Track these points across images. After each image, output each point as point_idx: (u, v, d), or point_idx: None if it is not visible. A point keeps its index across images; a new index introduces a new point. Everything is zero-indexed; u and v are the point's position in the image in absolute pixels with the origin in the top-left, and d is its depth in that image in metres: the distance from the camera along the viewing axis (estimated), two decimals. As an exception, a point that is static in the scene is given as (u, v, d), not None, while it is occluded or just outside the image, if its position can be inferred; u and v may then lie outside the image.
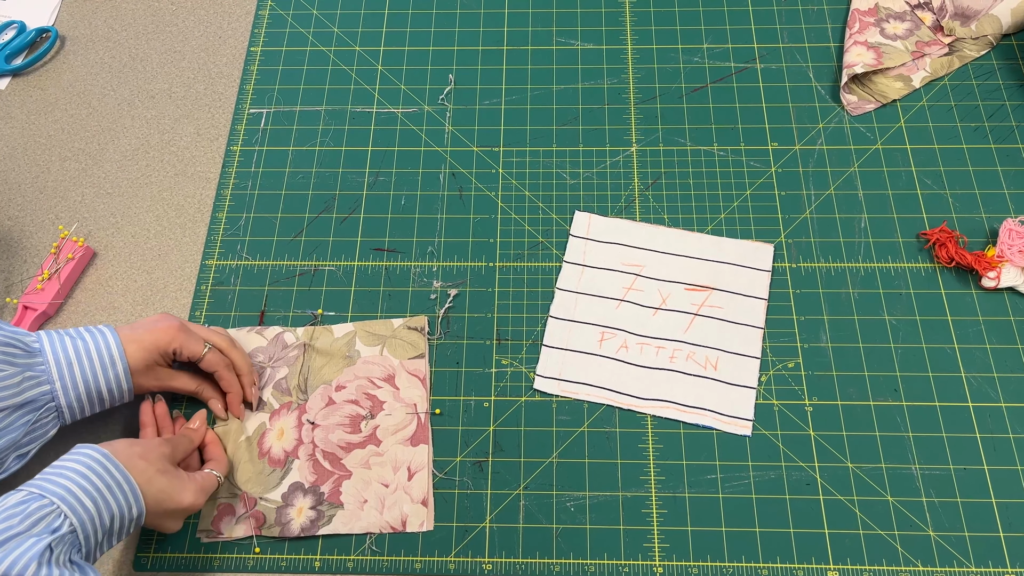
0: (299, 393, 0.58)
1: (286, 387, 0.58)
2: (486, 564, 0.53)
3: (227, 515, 0.54)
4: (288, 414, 0.57)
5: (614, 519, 0.54)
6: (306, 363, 0.59)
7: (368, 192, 0.67)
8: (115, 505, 0.46)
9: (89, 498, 0.45)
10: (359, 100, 0.72)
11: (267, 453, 0.56)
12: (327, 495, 0.54)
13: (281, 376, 0.58)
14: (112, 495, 0.46)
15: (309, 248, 0.65)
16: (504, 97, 0.72)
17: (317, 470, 0.55)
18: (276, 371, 0.58)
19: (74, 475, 0.45)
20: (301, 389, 0.58)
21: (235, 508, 0.54)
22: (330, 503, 0.54)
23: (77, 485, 0.45)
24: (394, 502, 0.54)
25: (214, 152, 0.70)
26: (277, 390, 0.58)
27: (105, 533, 0.45)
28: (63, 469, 0.46)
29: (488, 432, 0.57)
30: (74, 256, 0.63)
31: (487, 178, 0.68)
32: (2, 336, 0.49)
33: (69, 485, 0.44)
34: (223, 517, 0.54)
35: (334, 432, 0.56)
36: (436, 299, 0.62)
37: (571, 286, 0.62)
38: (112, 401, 0.53)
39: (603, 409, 0.58)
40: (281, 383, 0.58)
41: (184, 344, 0.54)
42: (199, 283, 0.64)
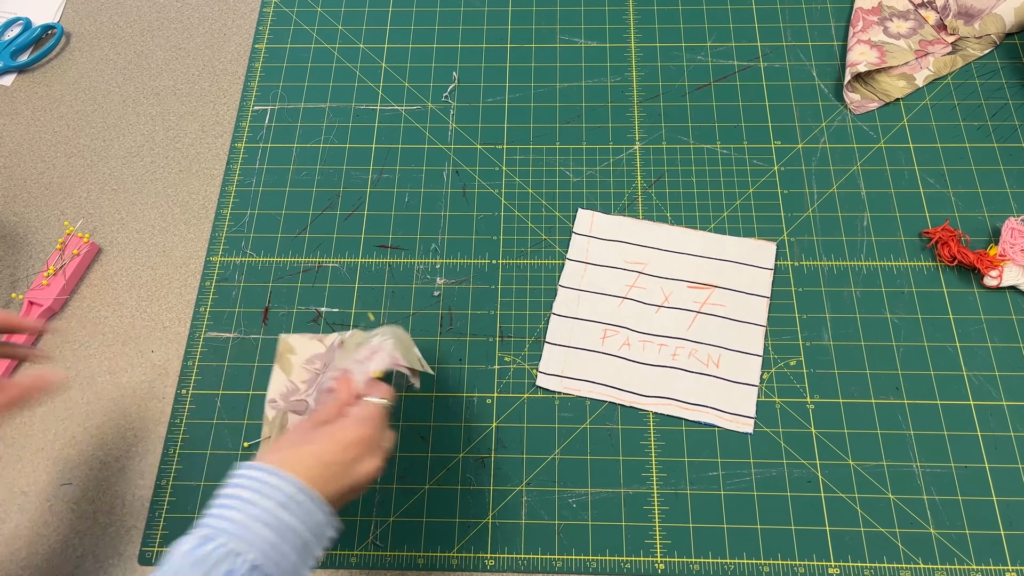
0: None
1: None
2: (488, 559, 0.53)
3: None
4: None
5: (616, 515, 0.55)
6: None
7: (372, 189, 0.68)
8: (295, 520, 0.40)
9: (263, 524, 0.39)
10: (363, 97, 0.72)
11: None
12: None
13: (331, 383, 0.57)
14: (289, 512, 0.40)
15: (313, 245, 0.65)
16: (508, 95, 0.72)
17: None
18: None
19: (241, 504, 0.40)
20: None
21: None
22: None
23: (248, 515, 0.39)
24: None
25: (219, 149, 0.70)
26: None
27: (298, 546, 0.40)
28: (230, 499, 0.40)
29: (491, 428, 0.58)
30: (79, 252, 0.63)
31: (490, 175, 0.68)
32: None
33: (237, 517, 0.39)
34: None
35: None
36: (439, 296, 0.63)
37: (574, 283, 0.63)
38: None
39: (605, 406, 0.58)
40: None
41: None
42: (203, 279, 0.64)
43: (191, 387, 0.60)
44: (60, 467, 0.57)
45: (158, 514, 0.55)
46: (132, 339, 0.62)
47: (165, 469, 0.57)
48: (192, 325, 0.62)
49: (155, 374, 0.60)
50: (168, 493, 0.56)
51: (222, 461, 0.57)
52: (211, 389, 0.59)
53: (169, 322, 0.62)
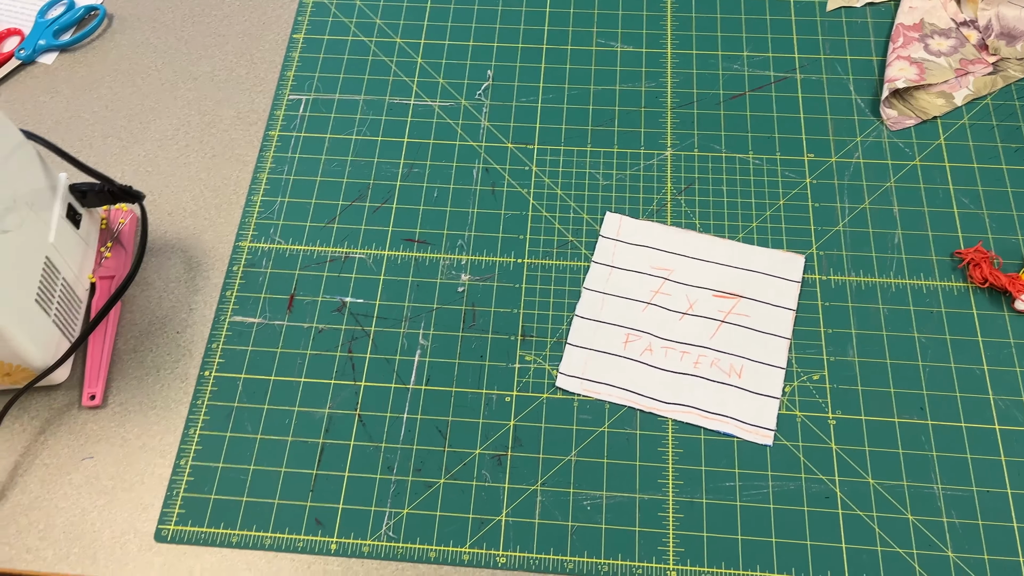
0: None
1: None
2: (500, 557, 0.53)
3: None
4: None
5: (630, 520, 0.54)
6: None
7: (402, 183, 0.68)
8: None
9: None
10: (397, 92, 0.72)
11: None
12: None
13: None
14: None
15: (341, 235, 0.66)
16: (541, 96, 0.72)
17: None
18: None
19: None
20: None
21: None
22: None
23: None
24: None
25: (252, 136, 0.71)
26: None
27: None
28: None
29: (508, 427, 0.58)
30: (126, 220, 0.64)
31: (520, 175, 0.68)
32: None
33: None
34: None
35: None
36: (463, 292, 0.63)
37: (599, 287, 0.62)
38: None
39: (624, 411, 0.58)
40: None
41: None
42: (231, 264, 0.65)
43: (214, 369, 0.60)
44: (82, 441, 0.58)
45: (175, 493, 0.56)
46: (158, 319, 0.63)
47: (184, 449, 0.57)
48: (218, 308, 0.63)
49: (179, 355, 0.61)
50: (187, 473, 0.56)
51: (242, 444, 0.57)
52: (234, 372, 0.60)
53: (196, 304, 0.63)
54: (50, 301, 0.57)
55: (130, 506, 0.56)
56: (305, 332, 0.62)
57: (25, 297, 0.54)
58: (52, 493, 0.56)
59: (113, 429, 0.58)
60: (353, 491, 0.56)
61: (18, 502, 0.56)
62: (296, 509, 0.55)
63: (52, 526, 0.55)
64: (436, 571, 0.53)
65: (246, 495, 0.56)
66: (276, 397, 0.59)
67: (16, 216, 0.54)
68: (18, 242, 0.54)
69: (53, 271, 0.57)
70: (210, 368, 0.60)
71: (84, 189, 0.61)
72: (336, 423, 0.58)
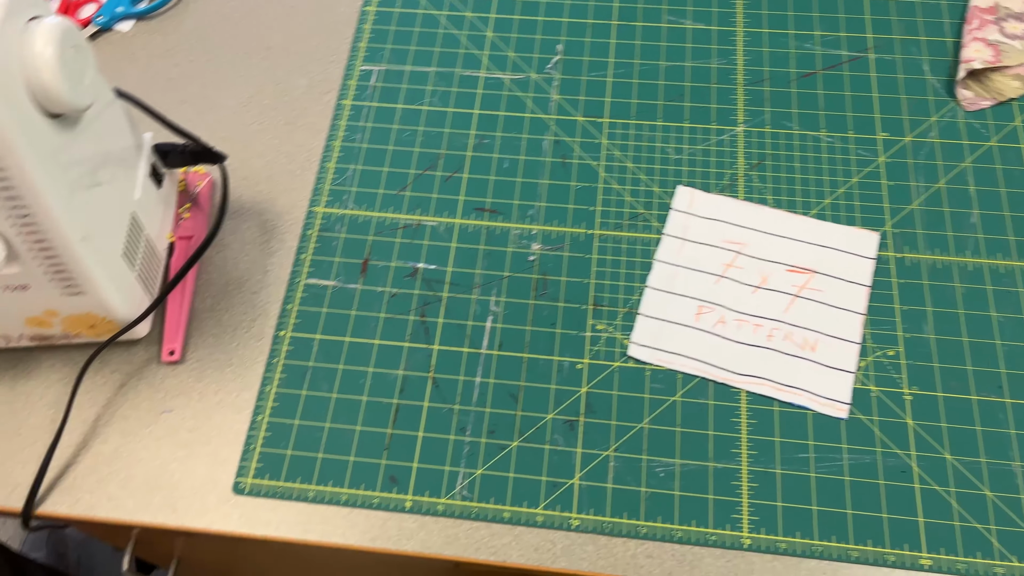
0: None
1: None
2: (574, 519, 0.54)
3: None
4: None
5: (703, 488, 0.54)
6: None
7: (472, 153, 0.68)
8: None
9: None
10: (467, 64, 0.73)
11: None
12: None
13: None
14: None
15: (413, 203, 0.66)
16: (611, 71, 0.72)
17: None
18: None
19: None
20: None
21: None
22: None
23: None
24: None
25: (325, 105, 0.72)
26: None
27: None
28: None
29: (580, 393, 0.58)
30: (203, 183, 0.66)
31: (590, 147, 0.68)
32: None
33: None
34: None
35: None
36: (534, 261, 0.63)
37: (670, 259, 0.63)
38: None
39: (697, 381, 0.58)
40: None
41: None
42: (305, 228, 0.65)
43: (289, 330, 0.61)
44: (161, 396, 0.59)
45: (253, 448, 0.57)
46: (234, 280, 0.64)
47: (261, 406, 0.58)
48: (293, 271, 0.64)
49: (255, 314, 0.62)
50: (263, 429, 0.57)
51: (317, 402, 0.58)
52: (309, 333, 0.61)
53: (271, 266, 0.64)
54: (134, 257, 0.58)
55: (208, 459, 0.57)
56: (379, 296, 0.62)
57: (114, 250, 0.55)
58: (132, 444, 0.57)
59: (191, 384, 0.59)
60: (427, 451, 0.56)
61: (99, 452, 0.57)
62: (371, 467, 0.56)
63: (132, 476, 0.56)
64: (510, 531, 0.54)
65: (322, 452, 0.57)
66: (351, 358, 0.60)
67: (108, 171, 0.55)
68: (109, 197, 0.55)
69: (138, 228, 0.58)
70: (285, 328, 0.61)
71: (166, 149, 0.62)
72: (410, 384, 0.59)
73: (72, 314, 0.56)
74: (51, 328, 0.57)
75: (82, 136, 0.52)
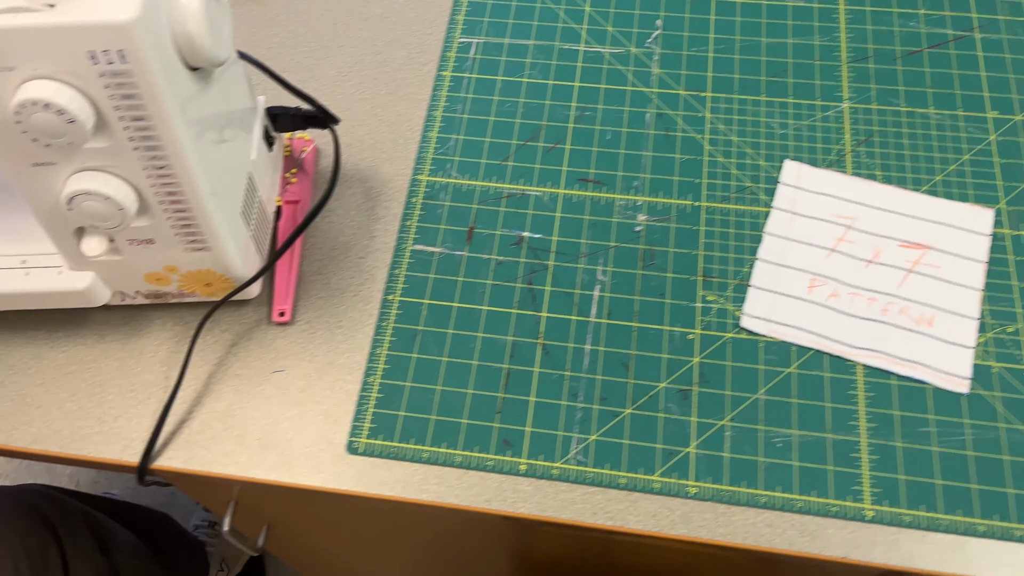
0: None
1: None
2: (691, 487, 0.53)
3: None
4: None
5: (821, 459, 0.54)
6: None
7: (574, 125, 0.68)
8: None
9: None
10: (566, 38, 0.73)
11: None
12: None
13: None
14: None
15: (516, 173, 0.66)
16: (712, 46, 0.72)
17: None
18: None
19: None
20: None
21: None
22: None
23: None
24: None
25: (424, 75, 0.72)
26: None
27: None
28: None
29: (692, 363, 0.58)
30: (308, 149, 0.66)
31: (693, 121, 0.68)
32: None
33: None
34: None
35: None
36: (641, 232, 0.63)
37: (780, 232, 0.62)
38: None
39: (811, 353, 0.57)
40: None
41: None
42: (409, 195, 0.66)
43: (397, 294, 0.61)
44: (272, 356, 0.59)
45: (365, 408, 0.57)
46: (340, 245, 0.64)
47: (372, 367, 0.58)
48: (399, 237, 0.64)
49: (363, 279, 0.62)
50: (375, 390, 0.58)
51: (428, 365, 0.58)
52: (417, 298, 0.61)
53: (376, 232, 0.64)
54: (249, 217, 0.58)
55: (321, 418, 0.57)
56: (485, 263, 0.62)
57: (234, 208, 0.56)
58: (245, 402, 0.58)
59: (301, 345, 0.60)
60: (539, 415, 0.56)
61: (212, 409, 0.58)
62: (484, 429, 0.56)
63: (246, 433, 0.57)
64: (627, 497, 0.53)
65: (435, 414, 0.57)
66: (460, 323, 0.60)
67: (231, 130, 0.55)
68: (231, 155, 0.55)
69: (253, 189, 0.59)
70: (394, 292, 0.61)
71: (277, 113, 0.62)
72: (520, 350, 0.59)
73: (191, 270, 0.56)
74: (167, 285, 0.58)
75: (212, 92, 0.52)
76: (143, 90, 0.45)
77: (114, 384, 0.59)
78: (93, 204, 0.49)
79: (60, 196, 0.50)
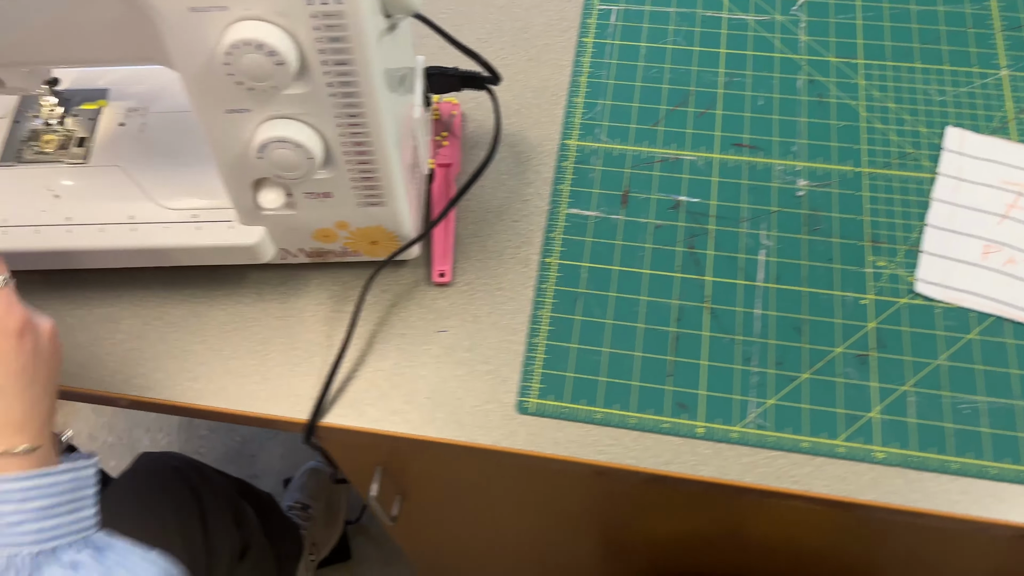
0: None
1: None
2: (878, 452, 0.52)
3: None
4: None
5: (1011, 426, 0.52)
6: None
7: (724, 91, 0.67)
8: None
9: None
10: (708, 5, 0.72)
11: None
12: None
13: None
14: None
15: (668, 138, 0.65)
16: (860, 13, 0.70)
17: None
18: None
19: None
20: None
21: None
22: None
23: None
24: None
25: (565, 42, 0.71)
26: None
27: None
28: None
29: (867, 328, 0.56)
30: (456, 113, 0.65)
31: (847, 87, 0.66)
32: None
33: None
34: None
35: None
36: (803, 197, 0.62)
37: (948, 198, 0.60)
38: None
39: (992, 320, 0.56)
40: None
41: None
42: (560, 160, 0.65)
43: (556, 257, 0.60)
44: (434, 316, 0.59)
45: (533, 369, 0.56)
46: (493, 208, 0.63)
47: (536, 329, 0.58)
48: (552, 201, 0.63)
49: (519, 242, 0.61)
50: (541, 351, 0.57)
51: (593, 328, 0.57)
52: (575, 260, 0.60)
53: (529, 196, 0.63)
54: (412, 175, 0.58)
55: (488, 378, 0.56)
56: (642, 227, 0.61)
57: (404, 165, 0.55)
58: (411, 361, 0.57)
59: (463, 306, 0.59)
60: (713, 379, 0.55)
61: (378, 368, 0.57)
62: (656, 392, 0.55)
63: (415, 392, 0.56)
64: (810, 461, 0.52)
65: (604, 375, 0.56)
66: (622, 286, 0.59)
67: (403, 86, 0.55)
68: (403, 111, 0.55)
69: (416, 147, 0.58)
70: (551, 255, 0.60)
71: (434, 73, 0.62)
72: (686, 314, 0.58)
73: (361, 227, 0.56)
74: (333, 242, 0.58)
75: (394, 45, 0.52)
76: (352, 32, 0.45)
77: (277, 342, 0.58)
78: (284, 152, 0.49)
79: (251, 144, 0.49)
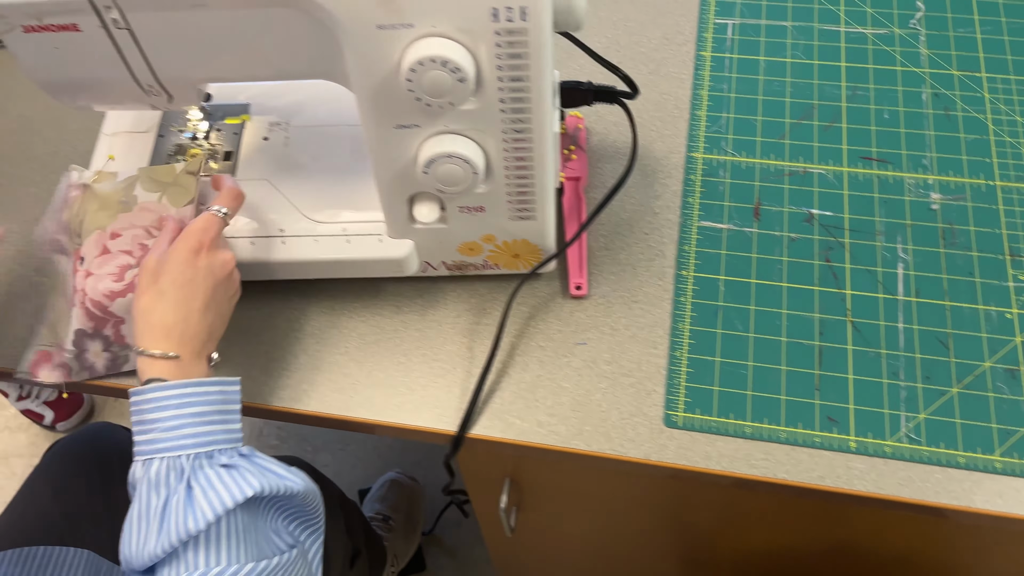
0: (75, 237, 0.56)
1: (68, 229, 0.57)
2: (1038, 468, 0.52)
3: (45, 361, 0.56)
4: (69, 260, 0.57)
5: None
6: (83, 206, 0.57)
7: (847, 104, 0.67)
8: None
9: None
10: (824, 19, 0.72)
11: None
12: (112, 338, 0.55)
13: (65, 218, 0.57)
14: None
15: (794, 151, 0.65)
16: (978, 28, 0.70)
17: (92, 318, 0.55)
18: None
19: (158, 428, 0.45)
20: (76, 232, 0.57)
21: (52, 355, 0.56)
22: (119, 345, 0.56)
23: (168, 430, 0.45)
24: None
25: (684, 56, 0.71)
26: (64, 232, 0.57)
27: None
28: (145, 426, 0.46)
29: (1016, 343, 0.56)
30: (582, 126, 0.66)
31: (973, 101, 0.66)
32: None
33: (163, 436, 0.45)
34: (41, 363, 0.56)
35: (103, 281, 0.55)
36: (938, 210, 0.61)
37: (1087, 211, 0.60)
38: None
39: None
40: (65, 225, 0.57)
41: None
42: (687, 173, 0.65)
43: (691, 270, 0.60)
44: (572, 328, 0.59)
45: (677, 382, 0.56)
46: (624, 221, 0.63)
47: (677, 342, 0.58)
48: (682, 214, 0.63)
49: (652, 255, 0.62)
50: (684, 364, 0.57)
51: (735, 341, 0.57)
52: (711, 273, 0.60)
53: (658, 209, 0.64)
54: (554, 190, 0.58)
55: (632, 391, 0.56)
56: (777, 240, 0.61)
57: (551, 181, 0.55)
58: (553, 374, 0.57)
59: (600, 319, 0.59)
60: (860, 393, 0.55)
61: (520, 380, 0.57)
62: (805, 406, 0.55)
63: (559, 404, 0.56)
64: (968, 476, 0.52)
65: (750, 389, 0.56)
66: (760, 299, 0.59)
67: (557, 99, 0.55)
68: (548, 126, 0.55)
69: (556, 161, 0.59)
70: (687, 268, 0.61)
71: (568, 87, 0.62)
72: (828, 327, 0.57)
73: (507, 240, 0.56)
74: (476, 256, 0.58)
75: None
76: (532, 49, 0.45)
77: (418, 354, 0.59)
78: (451, 168, 0.49)
79: (416, 158, 0.50)
